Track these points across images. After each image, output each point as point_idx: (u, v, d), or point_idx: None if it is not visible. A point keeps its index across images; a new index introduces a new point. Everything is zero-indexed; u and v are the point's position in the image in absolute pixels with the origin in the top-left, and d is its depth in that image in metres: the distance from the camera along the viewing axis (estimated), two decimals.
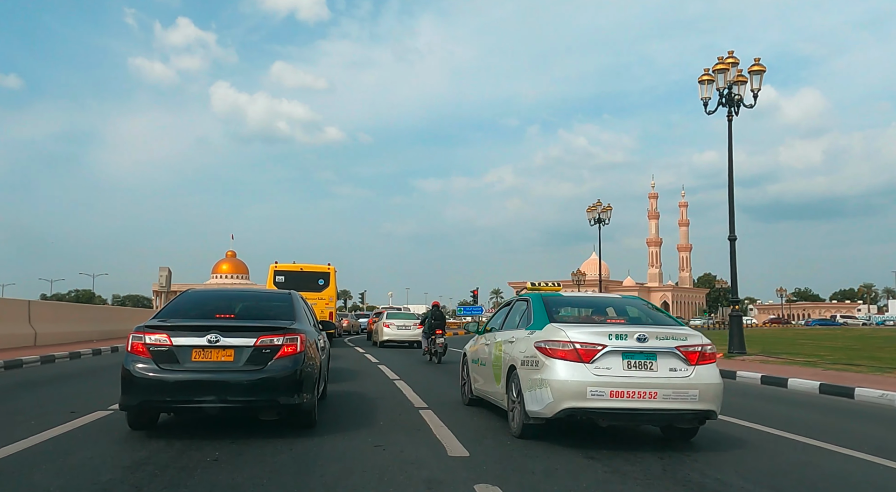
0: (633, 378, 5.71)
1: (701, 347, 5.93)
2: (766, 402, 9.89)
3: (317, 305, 23.61)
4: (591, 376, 5.69)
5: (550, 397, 5.78)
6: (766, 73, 17.83)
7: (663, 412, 5.79)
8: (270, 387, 5.74)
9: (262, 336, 5.83)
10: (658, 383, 5.70)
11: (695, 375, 5.79)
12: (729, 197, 18.41)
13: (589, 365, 5.74)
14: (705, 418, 6.01)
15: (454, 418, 7.31)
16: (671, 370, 5.78)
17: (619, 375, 5.72)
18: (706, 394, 5.78)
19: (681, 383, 5.73)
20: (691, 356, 5.84)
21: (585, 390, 5.65)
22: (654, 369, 5.77)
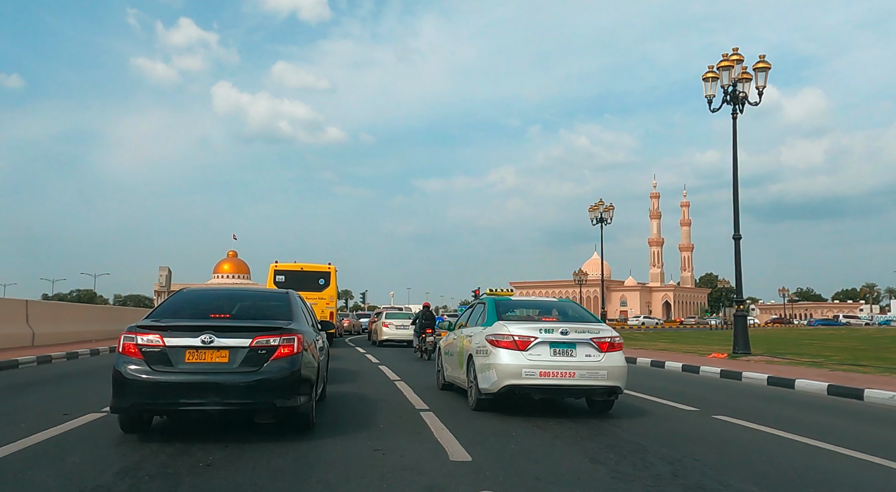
0: (557, 362, 7.40)
1: (610, 338, 7.63)
2: (773, 403, 9.70)
3: (317, 304, 23.45)
4: (526, 360, 7.41)
5: (495, 377, 7.50)
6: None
7: (580, 388, 7.48)
8: (266, 389, 5.56)
9: (258, 337, 5.65)
10: (576, 365, 7.39)
11: (604, 359, 7.47)
12: (734, 196, 18.21)
13: (524, 352, 7.44)
14: (613, 393, 7.63)
15: (456, 420, 7.13)
16: (586, 356, 7.47)
17: (546, 359, 7.42)
18: (613, 374, 7.45)
19: (593, 365, 7.42)
20: (602, 345, 7.55)
21: (521, 371, 7.37)
22: (574, 355, 7.46)
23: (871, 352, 20.07)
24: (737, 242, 17.96)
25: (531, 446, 5.88)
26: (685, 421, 7.65)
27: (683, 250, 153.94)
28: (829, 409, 9.24)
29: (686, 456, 5.61)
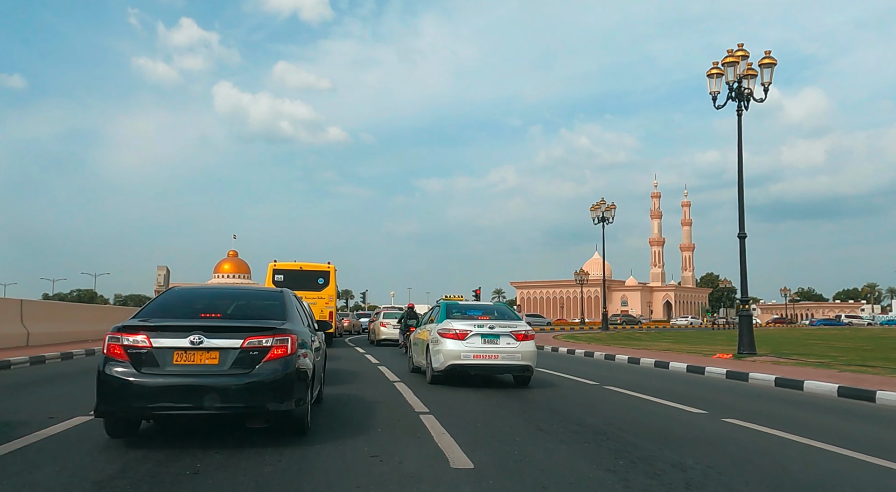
0: (486, 348, 10.52)
1: (524, 331, 10.76)
2: (783, 406, 9.43)
3: (316, 304, 23.19)
4: (464, 347, 10.49)
5: (443, 359, 10.58)
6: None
7: (502, 366, 10.60)
8: (258, 392, 5.30)
9: (250, 337, 5.39)
10: (499, 350, 10.52)
11: (520, 346, 10.57)
12: (739, 193, 17.94)
13: (463, 341, 10.52)
14: (526, 371, 10.73)
15: (457, 424, 6.87)
16: (507, 344, 10.57)
17: (478, 346, 10.52)
18: (526, 356, 10.61)
19: (511, 350, 10.53)
20: (518, 336, 10.64)
21: (460, 354, 10.47)
22: (498, 343, 10.57)
23: (879, 352, 19.78)
24: (742, 241, 17.70)
25: (535, 452, 5.61)
26: (695, 425, 7.38)
27: (684, 250, 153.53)
28: (841, 411, 8.97)
29: (698, 463, 5.34)
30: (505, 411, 8.01)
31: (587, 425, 7.04)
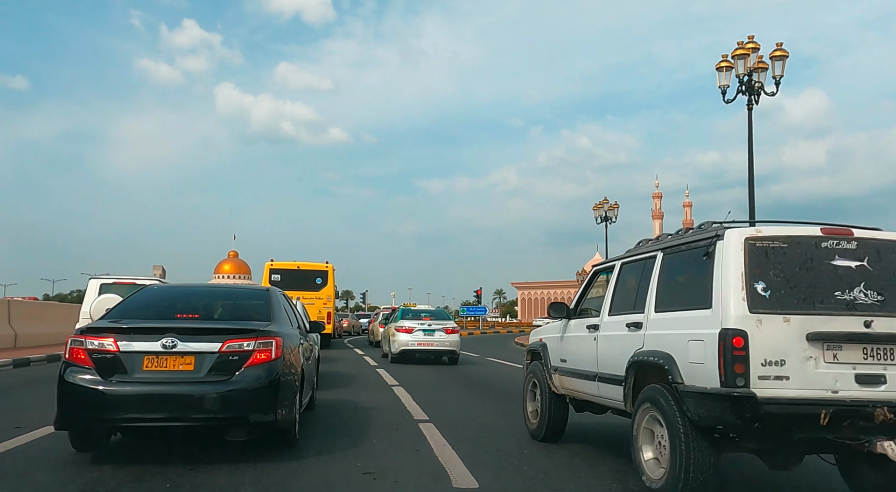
0: (426, 338, 16.28)
1: (452, 327, 16.84)
2: None
3: (314, 304, 22.64)
4: (410, 338, 16.24)
5: (397, 345, 16.34)
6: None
7: (436, 351, 16.41)
8: (238, 402, 4.75)
9: (229, 340, 4.83)
10: (434, 340, 16.30)
11: (448, 337, 16.42)
12: (749, 190, 17.35)
13: (410, 334, 16.27)
14: (453, 354, 16.52)
15: (460, 434, 6.31)
16: (440, 336, 16.34)
17: (420, 337, 16.27)
18: (452, 344, 16.45)
19: (442, 340, 16.34)
20: (448, 331, 16.56)
21: (408, 342, 16.22)
22: (434, 335, 16.32)
23: None
24: None
25: (547, 468, 5.06)
26: None
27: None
28: None
29: (728, 481, 4.78)
30: (512, 419, 7.45)
31: (602, 437, 6.47)
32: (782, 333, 3.72)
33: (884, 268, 3.94)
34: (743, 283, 3.82)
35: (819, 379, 3.69)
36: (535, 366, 6.45)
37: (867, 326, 3.77)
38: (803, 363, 3.69)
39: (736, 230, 4.05)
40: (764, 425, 3.69)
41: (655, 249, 4.84)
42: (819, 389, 3.67)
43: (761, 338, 3.69)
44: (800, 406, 3.64)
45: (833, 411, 3.60)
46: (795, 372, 3.68)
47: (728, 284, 3.85)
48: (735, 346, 3.68)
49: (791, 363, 3.68)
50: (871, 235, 4.10)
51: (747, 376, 3.65)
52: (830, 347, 3.74)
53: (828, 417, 3.60)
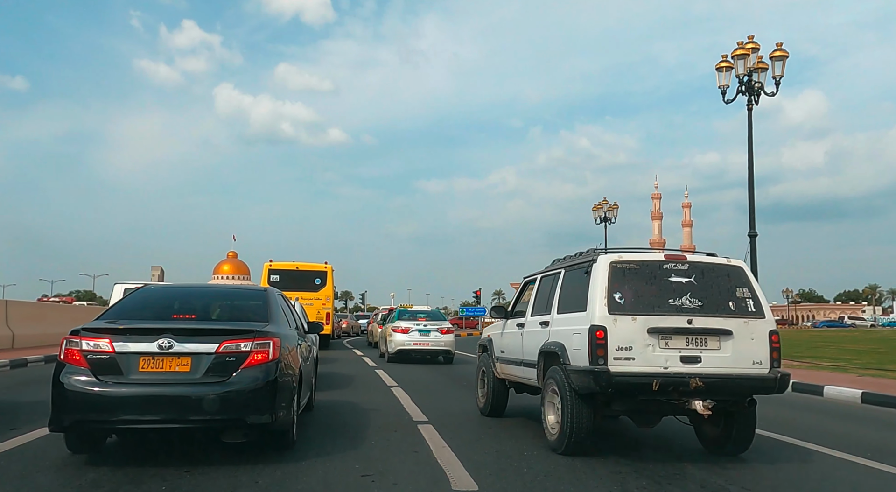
0: (422, 338, 16.75)
1: (447, 328, 17.30)
2: (806, 413, 8.84)
3: (313, 305, 22.59)
4: (407, 338, 16.71)
5: (394, 345, 16.71)
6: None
7: (432, 350, 16.77)
8: (236, 403, 4.70)
9: (227, 341, 4.79)
10: (430, 340, 16.80)
11: (443, 337, 16.92)
12: (749, 191, 17.32)
13: (406, 334, 16.74)
14: (448, 354, 17.04)
15: (459, 436, 6.27)
16: (435, 335, 16.89)
17: (416, 337, 16.74)
18: (447, 344, 16.98)
19: (437, 340, 16.81)
20: (443, 331, 16.98)
21: (404, 342, 16.65)
22: (429, 336, 16.83)
23: (895, 355, 19.16)
24: (752, 240, 17.05)
25: (547, 470, 5.02)
26: None
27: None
28: (870, 420, 8.38)
29: (731, 483, 4.75)
30: (511, 421, 7.40)
31: (601, 437, 6.41)
32: (630, 328, 5.27)
33: (705, 282, 5.53)
34: (606, 293, 5.38)
35: (655, 359, 5.24)
36: (484, 357, 8.10)
37: (689, 323, 5.33)
38: (644, 348, 5.25)
39: (605, 256, 5.65)
40: (616, 390, 5.25)
41: (560, 267, 6.45)
42: (654, 366, 5.23)
43: (616, 332, 5.25)
44: (639, 378, 5.18)
45: (662, 381, 5.15)
46: (639, 355, 5.23)
47: (596, 294, 5.41)
48: (598, 337, 5.22)
49: (636, 349, 5.23)
50: (698, 259, 5.74)
51: (606, 358, 5.19)
52: (663, 337, 5.30)
53: (658, 384, 5.14)
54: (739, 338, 5.38)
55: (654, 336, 5.25)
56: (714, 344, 5.35)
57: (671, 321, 5.31)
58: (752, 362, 5.39)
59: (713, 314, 5.40)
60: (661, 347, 5.26)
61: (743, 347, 5.37)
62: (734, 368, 5.33)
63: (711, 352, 5.33)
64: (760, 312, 5.53)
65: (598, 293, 5.39)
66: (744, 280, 5.67)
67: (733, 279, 5.66)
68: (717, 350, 5.34)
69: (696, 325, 5.33)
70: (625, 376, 5.18)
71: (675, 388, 5.19)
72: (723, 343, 5.37)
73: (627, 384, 5.21)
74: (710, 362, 5.29)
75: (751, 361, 5.38)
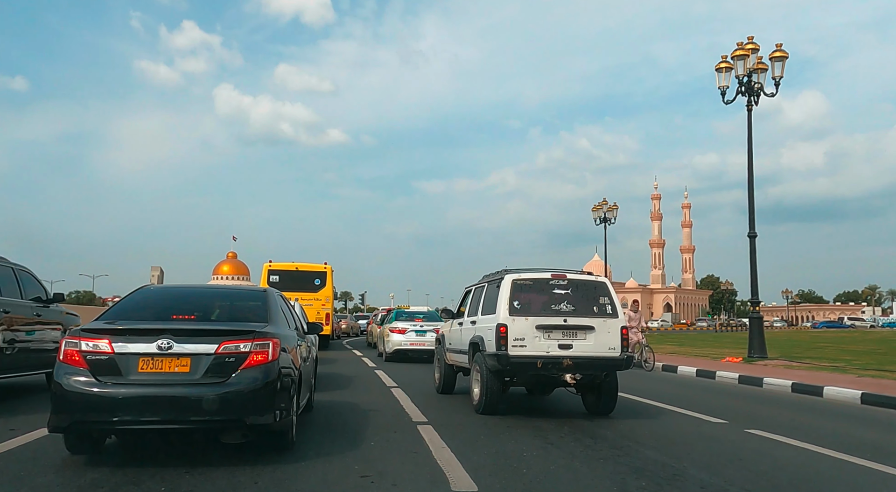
0: (418, 339, 16.77)
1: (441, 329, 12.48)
2: (807, 414, 8.83)
3: (313, 306, 22.56)
4: (403, 338, 16.90)
5: (391, 345, 16.92)
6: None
7: (428, 350, 14.36)
8: (235, 404, 4.69)
9: (226, 341, 4.78)
10: (426, 340, 16.16)
11: None
12: (749, 192, 17.36)
13: (403, 335, 16.90)
14: None
15: (458, 436, 6.27)
16: (431, 336, 14.75)
17: (413, 338, 16.86)
18: None
19: (433, 340, 12.18)
20: (437, 331, 11.47)
21: (401, 343, 16.82)
22: (426, 336, 16.38)
23: (893, 356, 19.16)
24: (752, 240, 17.10)
25: (547, 471, 5.01)
26: (718, 438, 6.76)
27: (685, 252, 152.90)
28: (870, 421, 8.36)
29: (731, 484, 4.74)
30: (510, 421, 7.40)
31: (601, 438, 6.43)
32: (524, 325, 7.43)
33: (578, 293, 7.66)
34: (508, 301, 7.56)
35: (540, 346, 7.40)
36: (438, 348, 10.47)
37: (564, 322, 7.46)
38: (533, 339, 7.41)
39: (510, 275, 7.83)
40: (513, 368, 7.50)
41: (485, 282, 8.69)
42: (540, 351, 7.40)
43: (514, 328, 7.42)
44: (529, 359, 7.39)
45: (544, 361, 7.37)
46: (529, 343, 7.40)
47: (502, 302, 7.60)
48: (501, 332, 7.41)
49: (527, 340, 7.41)
50: (574, 277, 7.86)
51: (507, 346, 7.37)
52: (546, 331, 7.44)
53: (541, 363, 7.38)
54: (600, 331, 7.50)
55: (540, 330, 7.41)
56: (582, 336, 7.48)
57: (552, 320, 7.44)
58: (609, 348, 7.50)
59: (582, 315, 7.53)
60: (545, 338, 7.41)
61: (602, 338, 7.48)
62: (595, 352, 7.46)
63: (580, 341, 7.45)
64: (615, 313, 7.65)
65: (503, 301, 7.56)
66: (605, 291, 7.78)
67: (598, 291, 7.78)
68: (584, 340, 7.47)
69: (569, 323, 7.48)
70: (519, 358, 7.37)
71: (554, 366, 7.40)
72: (588, 335, 7.48)
73: (521, 364, 7.42)
74: (578, 348, 7.43)
75: (607, 347, 7.50)
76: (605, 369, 7.63)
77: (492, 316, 7.72)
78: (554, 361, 7.35)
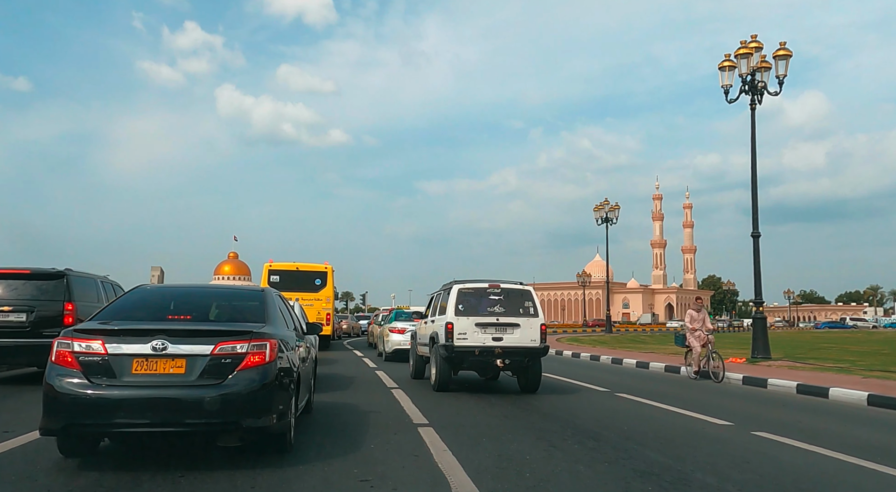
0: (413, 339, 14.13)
1: None
2: (812, 416, 8.72)
3: (313, 306, 22.47)
4: (403, 338, 16.29)
5: (390, 345, 16.98)
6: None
7: None
8: (231, 406, 4.59)
9: (222, 342, 4.68)
10: None
11: None
12: (752, 191, 17.23)
13: (402, 335, 16.47)
14: None
15: (460, 438, 6.17)
16: None
17: (400, 339, 16.61)
18: None
19: None
20: None
21: (401, 342, 16.34)
22: None
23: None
24: (755, 240, 16.97)
25: (550, 474, 4.91)
26: (724, 440, 6.66)
27: (686, 252, 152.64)
28: (876, 423, 8.25)
29: (737, 487, 4.63)
30: (512, 423, 7.30)
31: (604, 440, 6.32)
32: (466, 323, 9.72)
33: (509, 298, 9.95)
34: (454, 305, 9.83)
35: (478, 339, 9.68)
36: (413, 342, 12.81)
37: (497, 320, 9.82)
38: (473, 334, 9.70)
39: (457, 285, 10.16)
40: (457, 355, 9.72)
41: (442, 290, 10.92)
42: (478, 342, 9.68)
43: (458, 325, 9.70)
44: (469, 348, 9.69)
45: (480, 349, 9.68)
46: (470, 336, 9.68)
47: (450, 305, 9.87)
48: (448, 328, 9.69)
49: (468, 334, 9.69)
50: (506, 286, 10.08)
51: (453, 338, 9.63)
52: (483, 327, 9.75)
53: (478, 351, 9.69)
54: (524, 328, 9.88)
55: (478, 327, 9.78)
56: (510, 331, 9.84)
57: (487, 319, 9.82)
58: (531, 340, 9.88)
59: (511, 316, 9.89)
60: (482, 332, 9.78)
61: (526, 333, 9.87)
62: (520, 343, 9.83)
63: (509, 335, 9.84)
64: (536, 314, 10.03)
65: (451, 305, 9.92)
66: (529, 297, 10.16)
67: (524, 297, 10.14)
68: (512, 334, 9.84)
69: (501, 321, 9.85)
70: (462, 347, 9.76)
71: (488, 353, 9.79)
72: (515, 330, 9.85)
73: (463, 352, 9.78)
74: (508, 340, 9.81)
75: (530, 339, 9.88)
76: (528, 356, 9.97)
77: (443, 316, 10.11)
78: (488, 349, 9.79)
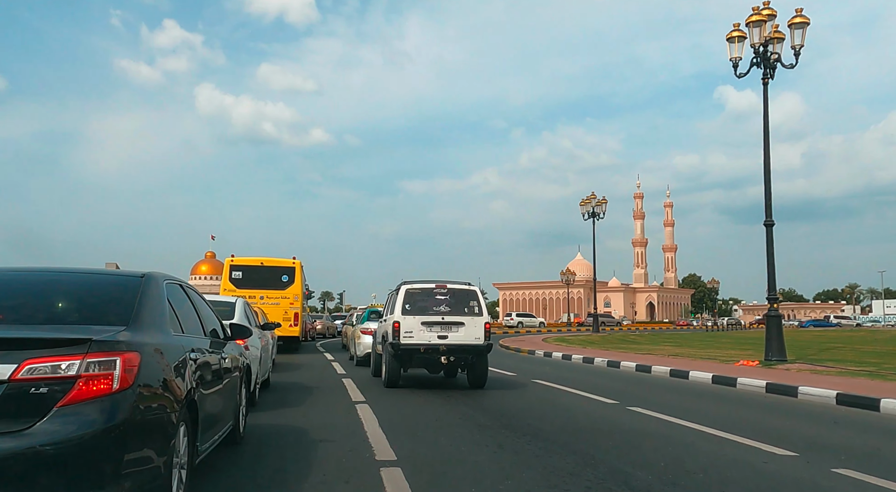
0: None
1: None
2: (885, 439, 6.97)
3: (280, 304, 20.53)
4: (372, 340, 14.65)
5: (362, 348, 15.44)
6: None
7: None
8: (43, 470, 2.67)
9: (31, 360, 2.76)
10: None
11: None
12: (765, 177, 15.65)
13: (373, 336, 13.87)
14: None
15: (436, 482, 4.29)
16: None
17: (372, 341, 13.93)
18: None
19: None
20: None
21: (370, 346, 14.03)
22: None
23: None
24: (769, 229, 15.37)
25: None
26: (802, 482, 4.83)
27: (667, 251, 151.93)
28: None
29: None
30: (510, 457, 5.44)
31: (627, 481, 4.45)
32: (413, 322, 10.15)
33: (455, 298, 10.36)
34: (401, 304, 10.29)
35: (424, 337, 10.13)
36: (373, 341, 12.99)
37: (442, 319, 10.13)
38: (419, 332, 10.12)
39: (405, 285, 10.58)
40: (404, 352, 10.21)
41: (395, 290, 11.03)
42: (423, 340, 10.13)
43: (405, 324, 10.15)
44: (416, 346, 10.15)
45: (426, 347, 10.16)
46: (416, 335, 10.12)
47: (397, 305, 10.34)
48: (395, 327, 10.18)
49: (414, 332, 10.12)
50: (452, 286, 10.46)
51: (399, 336, 10.13)
52: (429, 326, 10.13)
53: (424, 349, 10.18)
54: (469, 326, 10.11)
55: (424, 326, 10.01)
56: (455, 329, 10.07)
57: (433, 318, 10.05)
58: (475, 338, 10.09)
59: (456, 314, 10.14)
60: (428, 331, 10.01)
61: (470, 331, 10.08)
62: (465, 341, 10.07)
63: (454, 333, 10.05)
64: (481, 313, 10.28)
65: (398, 304, 10.21)
66: (475, 297, 10.43)
67: (469, 295, 10.41)
68: (457, 332, 10.05)
69: (446, 320, 10.08)
70: (408, 345, 10.03)
71: (433, 351, 10.08)
72: (460, 328, 10.08)
73: (409, 349, 10.07)
74: (453, 338, 10.05)
75: (474, 337, 10.08)
76: (472, 353, 10.25)
77: (392, 315, 10.43)
78: (433, 347, 10.08)
